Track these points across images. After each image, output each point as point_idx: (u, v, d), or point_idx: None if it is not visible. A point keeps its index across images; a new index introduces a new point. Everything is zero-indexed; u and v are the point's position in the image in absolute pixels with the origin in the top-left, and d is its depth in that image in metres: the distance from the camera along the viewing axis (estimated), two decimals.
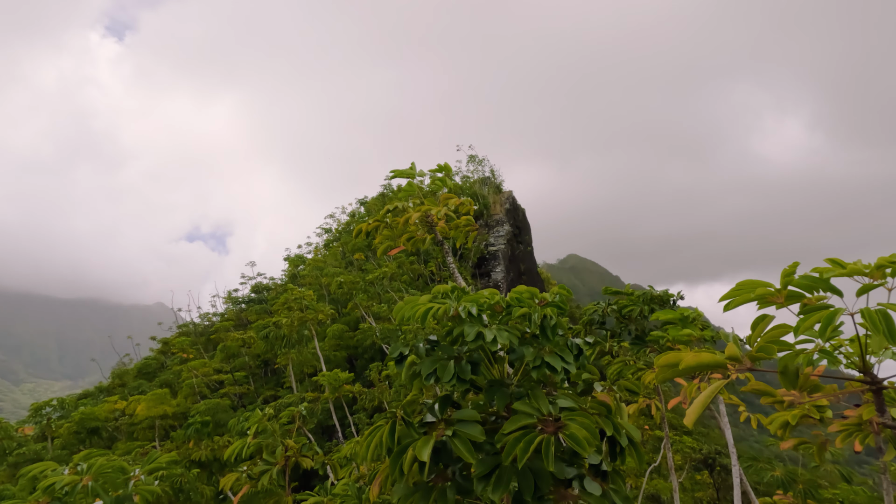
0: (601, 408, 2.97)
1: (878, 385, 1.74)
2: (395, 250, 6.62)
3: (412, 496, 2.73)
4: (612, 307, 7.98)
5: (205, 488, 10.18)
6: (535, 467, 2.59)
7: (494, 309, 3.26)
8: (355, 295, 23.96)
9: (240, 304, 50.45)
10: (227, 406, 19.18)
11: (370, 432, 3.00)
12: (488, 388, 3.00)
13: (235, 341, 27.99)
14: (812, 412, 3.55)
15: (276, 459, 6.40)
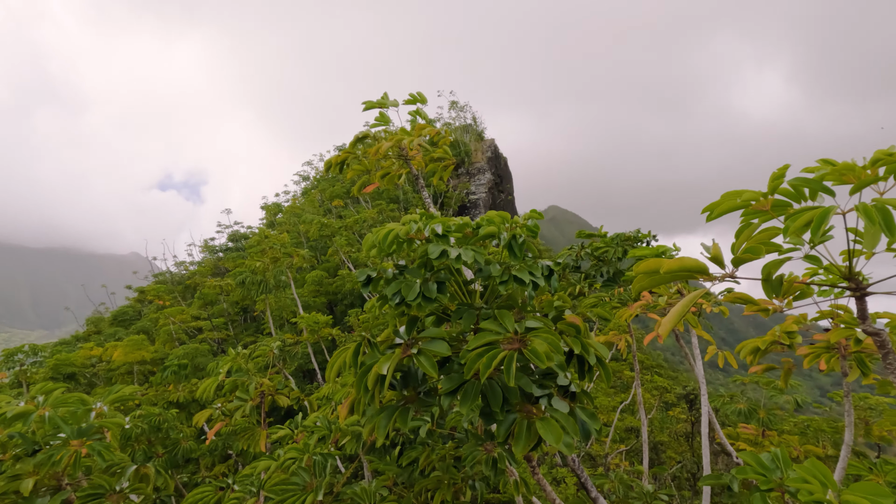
0: (570, 328, 2.89)
1: (861, 291, 1.63)
2: (369, 187, 6.34)
3: (377, 416, 2.65)
4: (585, 250, 7.93)
5: (183, 427, 10.22)
6: (502, 382, 2.52)
7: (464, 233, 3.10)
8: (334, 241, 23.65)
9: (217, 253, 49.73)
10: (206, 351, 19.15)
11: (336, 354, 2.89)
12: (457, 310, 2.88)
13: (213, 288, 27.69)
14: (783, 338, 3.55)
15: (249, 396, 6.35)
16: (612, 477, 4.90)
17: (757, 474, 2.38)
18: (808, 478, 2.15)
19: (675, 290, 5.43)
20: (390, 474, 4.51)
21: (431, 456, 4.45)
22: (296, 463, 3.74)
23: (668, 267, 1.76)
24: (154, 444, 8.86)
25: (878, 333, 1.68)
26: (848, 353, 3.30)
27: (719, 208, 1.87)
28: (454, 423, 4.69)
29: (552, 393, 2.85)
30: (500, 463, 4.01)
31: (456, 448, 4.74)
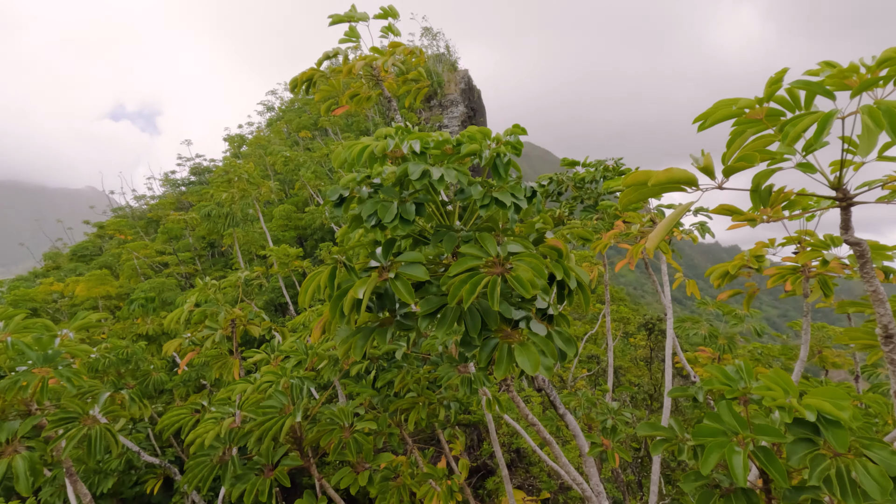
0: (552, 252, 2.86)
1: (848, 201, 1.60)
2: (339, 110, 6.00)
3: (353, 337, 2.61)
4: (567, 177, 7.88)
5: (153, 359, 10.16)
6: (481, 307, 2.50)
7: (444, 150, 2.95)
8: (302, 174, 22.88)
9: (179, 188, 47.69)
10: (173, 285, 18.78)
11: (310, 277, 2.80)
12: (435, 232, 2.80)
13: (177, 223, 26.75)
14: (752, 262, 3.64)
15: (219, 325, 6.27)
16: (578, 395, 5.14)
17: (722, 384, 2.49)
18: (771, 385, 2.25)
19: (648, 218, 5.48)
20: (366, 396, 4.60)
21: (406, 378, 4.55)
22: (272, 386, 3.75)
23: (657, 179, 1.69)
24: (124, 376, 8.81)
25: (858, 243, 1.68)
26: (812, 274, 3.42)
27: (713, 117, 1.79)
28: (429, 349, 4.76)
29: (530, 316, 2.87)
30: (475, 383, 4.12)
31: (431, 371, 4.85)
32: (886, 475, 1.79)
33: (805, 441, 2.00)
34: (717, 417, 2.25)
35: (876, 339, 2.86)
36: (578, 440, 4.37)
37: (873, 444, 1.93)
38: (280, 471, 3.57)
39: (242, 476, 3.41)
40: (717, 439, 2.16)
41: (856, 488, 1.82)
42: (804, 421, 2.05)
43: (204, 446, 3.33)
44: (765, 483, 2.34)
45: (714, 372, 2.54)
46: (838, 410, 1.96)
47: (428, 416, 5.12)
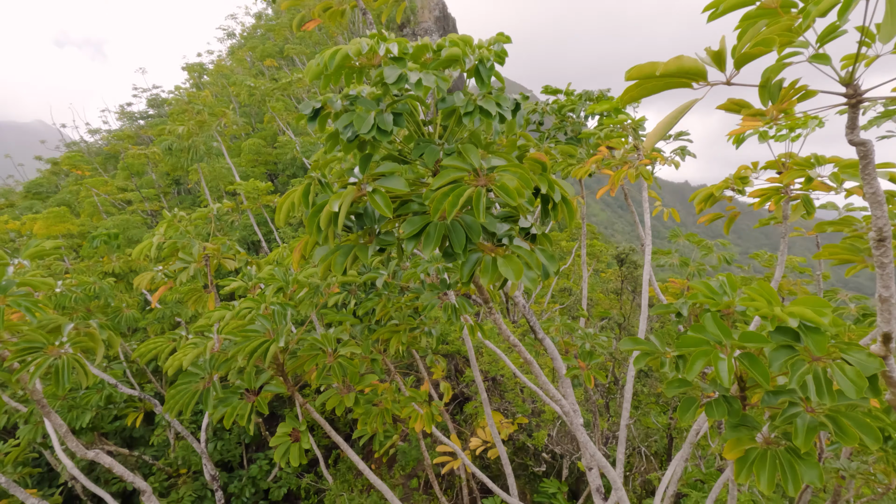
0: (536, 165, 2.75)
1: (858, 97, 1.50)
2: (310, 24, 5.52)
3: (332, 255, 2.50)
4: (549, 106, 7.63)
5: (124, 296, 9.91)
6: (465, 222, 2.40)
7: (423, 59, 2.72)
8: (270, 105, 21.71)
9: (137, 121, 44.98)
10: (138, 222, 18.10)
11: (285, 196, 2.63)
12: (415, 146, 2.64)
13: (137, 158, 25.38)
14: (736, 183, 3.61)
15: (193, 258, 6.06)
16: (556, 321, 5.24)
17: (706, 298, 2.50)
18: (755, 297, 2.26)
19: (632, 146, 5.38)
20: (347, 324, 4.57)
21: (388, 306, 4.51)
22: (253, 312, 3.66)
23: (666, 68, 1.56)
24: (93, 313, 8.58)
25: (863, 143, 1.61)
26: (794, 196, 3.43)
27: (726, 3, 1.64)
28: (410, 278, 4.70)
29: (513, 234, 2.80)
30: (459, 309, 4.12)
31: (412, 301, 4.83)
32: (862, 375, 1.84)
33: (786, 348, 2.04)
34: (701, 328, 2.27)
35: (855, 253, 2.91)
36: (556, 363, 4.48)
37: (850, 348, 1.97)
38: (262, 397, 3.56)
39: (225, 400, 3.38)
40: (701, 348, 2.19)
41: (832, 388, 1.87)
42: (785, 329, 2.08)
43: (182, 369, 3.26)
44: (741, 391, 2.42)
45: (698, 286, 2.55)
46: (819, 317, 1.98)
47: (409, 344, 5.17)
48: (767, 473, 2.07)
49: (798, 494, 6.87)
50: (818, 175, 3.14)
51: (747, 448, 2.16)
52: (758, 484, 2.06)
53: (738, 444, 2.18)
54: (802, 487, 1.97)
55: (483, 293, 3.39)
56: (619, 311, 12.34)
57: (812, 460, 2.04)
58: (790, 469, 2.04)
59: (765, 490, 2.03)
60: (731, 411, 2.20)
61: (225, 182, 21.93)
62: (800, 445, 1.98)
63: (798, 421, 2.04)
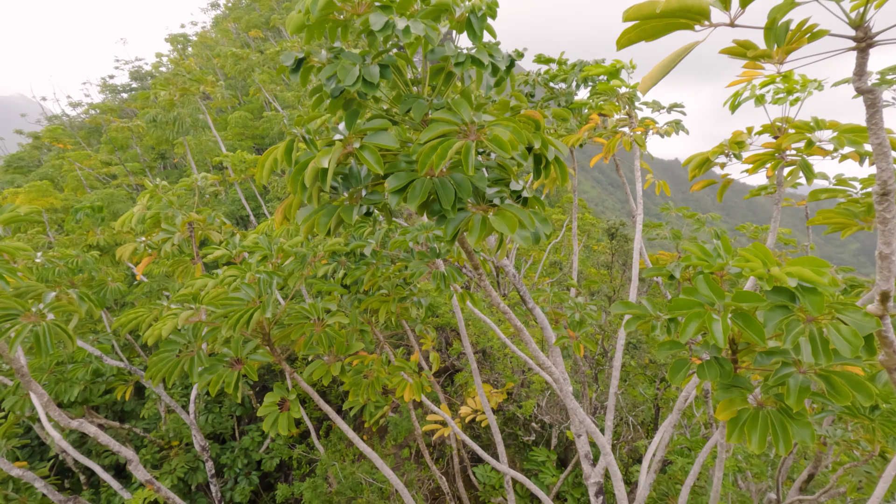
0: (529, 123, 2.65)
1: (868, 41, 1.41)
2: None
3: (316, 214, 2.41)
4: (541, 76, 7.45)
5: (109, 270, 9.75)
6: (454, 179, 2.30)
7: (409, 10, 2.58)
8: (256, 76, 21.15)
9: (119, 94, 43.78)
10: (122, 196, 17.75)
11: (267, 152, 2.51)
12: (403, 100, 2.52)
13: (121, 131, 24.77)
14: (732, 147, 3.54)
15: (176, 228, 5.92)
16: (546, 290, 5.21)
17: (700, 260, 2.45)
18: (750, 258, 2.21)
19: (625, 112, 5.27)
20: (335, 294, 4.50)
21: (376, 275, 4.44)
22: (237, 280, 3.56)
23: (667, 6, 1.46)
24: (77, 286, 8.43)
25: (871, 91, 1.54)
26: (789, 162, 3.37)
27: None
28: (399, 246, 4.61)
29: (504, 196, 2.72)
30: (448, 278, 4.06)
31: (401, 270, 4.76)
32: (858, 334, 1.81)
33: (781, 308, 2.00)
34: (694, 290, 2.23)
35: (849, 217, 2.87)
36: (546, 332, 4.46)
37: (846, 308, 1.94)
38: (249, 365, 3.50)
39: (210, 368, 3.32)
40: (694, 310, 2.14)
41: (827, 348, 1.84)
42: (781, 290, 2.04)
43: (161, 338, 3.19)
44: (733, 353, 2.39)
45: (692, 248, 2.50)
46: (818, 277, 1.94)
47: (399, 315, 5.12)
48: (759, 433, 2.05)
49: (781, 460, 7.05)
50: (818, 139, 3.08)
51: (739, 409, 2.15)
52: (749, 444, 2.05)
53: (729, 406, 2.16)
54: (792, 448, 1.95)
55: (473, 259, 3.32)
56: (609, 285, 12.40)
57: (804, 420, 2.02)
58: (781, 429, 2.03)
59: (755, 450, 2.02)
60: (723, 373, 2.17)
61: (211, 155, 21.50)
62: (792, 405, 1.96)
63: (790, 381, 2.02)
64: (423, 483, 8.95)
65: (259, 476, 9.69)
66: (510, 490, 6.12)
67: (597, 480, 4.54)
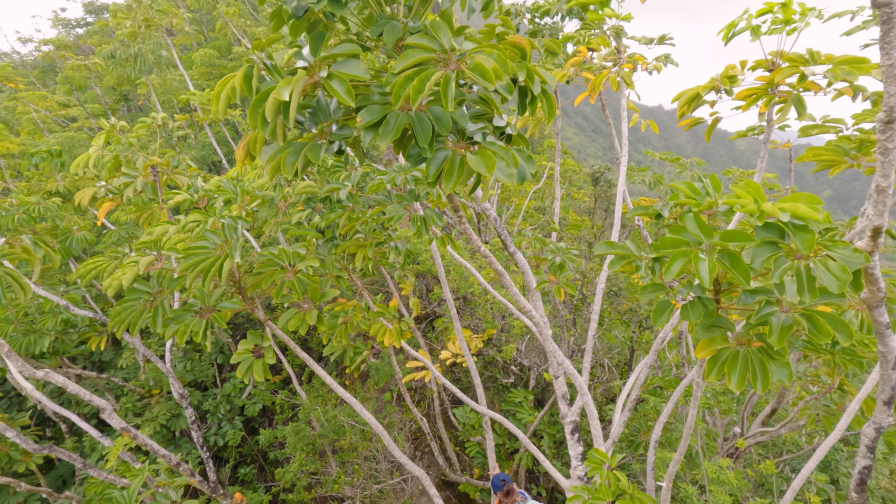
0: (514, 51, 2.44)
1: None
2: None
3: (281, 153, 2.21)
4: (524, 7, 7.04)
5: (73, 218, 9.32)
6: (433, 114, 2.12)
7: None
8: (222, 9, 19.71)
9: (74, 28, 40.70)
10: (84, 140, 16.80)
11: (223, 80, 2.26)
12: (375, 22, 2.27)
13: (78, 70, 23.13)
14: (724, 82, 3.38)
15: (138, 172, 5.58)
16: (527, 235, 5.13)
17: (689, 198, 2.36)
18: (741, 194, 2.12)
19: (614, 47, 5.01)
20: (309, 239, 4.34)
21: (353, 219, 4.28)
22: (200, 226, 3.37)
23: None
24: (41, 236, 8.05)
25: (888, 4, 1.38)
26: (781, 98, 3.23)
27: None
28: (376, 189, 4.42)
29: (487, 133, 2.55)
30: (427, 221, 3.92)
31: (379, 215, 4.59)
32: (847, 270, 1.75)
33: (770, 245, 1.93)
34: (680, 229, 2.14)
35: (840, 154, 2.78)
36: (526, 277, 4.41)
37: (836, 244, 1.88)
38: (218, 314, 3.37)
39: (176, 318, 3.18)
40: (680, 249, 2.06)
41: (814, 285, 1.79)
42: (771, 227, 1.96)
43: (123, 288, 3.02)
44: (715, 294, 2.35)
45: (680, 186, 2.39)
46: (813, 212, 1.86)
47: (377, 261, 5.00)
48: (738, 372, 2.04)
49: (747, 397, 7.38)
50: (812, 73, 2.93)
51: (720, 348, 2.12)
52: (728, 382, 2.04)
53: (710, 344, 2.14)
54: (769, 387, 1.94)
55: (453, 202, 3.18)
56: (590, 231, 12.44)
57: (783, 360, 2.01)
58: (761, 368, 2.01)
59: (735, 388, 2.01)
60: (706, 313, 2.13)
61: (177, 96, 20.30)
62: (774, 343, 1.93)
63: (773, 320, 1.99)
64: (404, 425, 9.20)
65: (242, 421, 9.83)
66: (489, 429, 6.30)
67: (573, 419, 4.66)
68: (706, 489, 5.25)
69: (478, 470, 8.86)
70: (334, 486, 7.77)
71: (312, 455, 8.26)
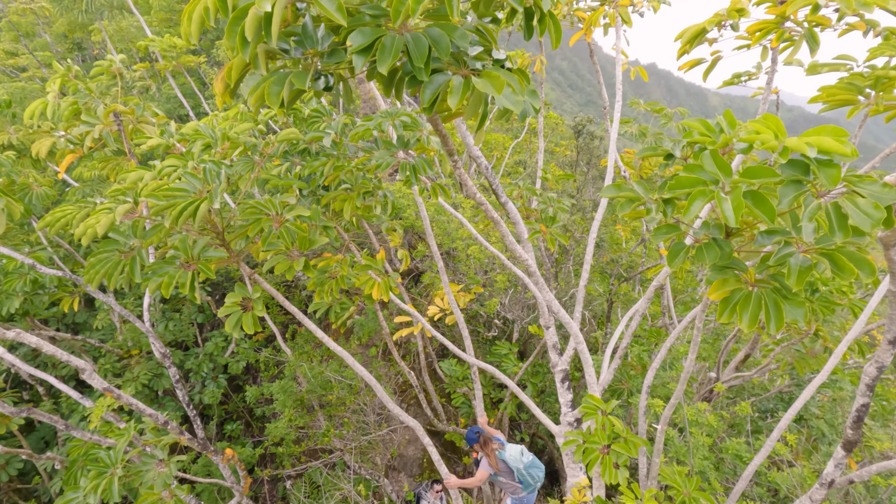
0: None
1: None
2: None
3: (265, 82, 1.99)
4: None
5: (33, 174, 8.75)
6: (431, 35, 1.91)
7: None
8: None
9: None
10: (36, 90, 15.67)
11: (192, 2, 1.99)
12: None
13: (25, 14, 21.32)
14: (731, 15, 3.20)
15: (98, 119, 5.17)
16: (518, 184, 4.99)
17: (703, 135, 2.24)
18: (760, 129, 2.00)
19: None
20: (294, 188, 4.11)
21: (337, 167, 4.05)
22: (178, 171, 3.11)
23: None
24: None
25: None
26: (788, 35, 3.09)
27: None
28: (361, 137, 4.18)
29: (487, 64, 2.35)
30: (417, 169, 3.72)
31: (365, 164, 4.36)
32: (879, 206, 1.68)
33: (795, 183, 1.84)
34: (696, 167, 2.03)
35: (853, 93, 2.69)
36: (518, 227, 4.30)
37: (863, 180, 1.79)
38: (203, 264, 3.18)
39: (158, 269, 2.99)
40: (699, 188, 1.96)
41: (845, 224, 1.72)
42: (796, 163, 1.86)
43: (98, 237, 2.79)
44: (727, 235, 2.28)
45: (693, 123, 2.27)
46: (840, 146, 1.76)
47: (362, 216, 4.81)
48: (751, 312, 1.99)
49: (724, 343, 7.61)
50: (826, 3, 2.78)
51: (732, 289, 2.07)
52: (740, 322, 2.00)
53: (723, 286, 2.08)
54: (782, 328, 1.90)
55: (447, 143, 3.00)
56: (573, 184, 12.36)
57: (799, 300, 1.96)
58: (775, 308, 1.97)
59: (746, 329, 1.97)
60: (722, 255, 2.05)
61: (135, 43, 18.91)
62: (793, 285, 1.87)
63: (791, 261, 1.92)
64: (390, 378, 9.27)
65: (227, 379, 9.75)
66: (476, 380, 6.36)
67: (563, 368, 4.70)
68: (686, 431, 5.44)
69: (463, 419, 9.06)
70: (324, 439, 7.84)
71: (301, 410, 8.29)
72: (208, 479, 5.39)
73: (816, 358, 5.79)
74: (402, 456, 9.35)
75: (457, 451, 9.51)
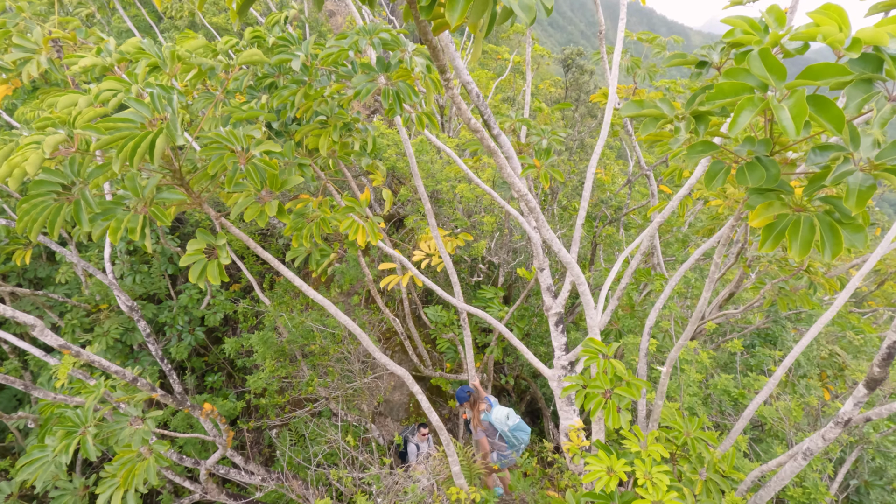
0: None
1: None
2: None
3: None
4: None
5: None
6: None
7: None
8: None
9: None
10: None
11: None
12: None
13: None
14: None
15: (36, 45, 4.50)
16: (511, 116, 4.61)
17: (748, 34, 1.90)
18: (822, 21, 1.67)
19: None
20: (261, 121, 3.65)
21: (310, 96, 3.58)
22: (119, 95, 2.64)
23: None
24: None
25: None
26: None
27: None
28: (336, 59, 3.68)
29: None
30: (402, 96, 3.30)
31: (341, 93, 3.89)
32: None
33: (864, 83, 1.54)
34: (740, 71, 1.70)
35: None
36: (512, 161, 3.96)
37: None
38: (157, 207, 2.77)
39: (105, 212, 2.58)
40: (745, 97, 1.64)
41: None
42: (867, 59, 1.55)
43: (29, 177, 2.37)
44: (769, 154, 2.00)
45: (736, 21, 1.92)
46: None
47: (339, 156, 4.39)
48: (802, 239, 1.74)
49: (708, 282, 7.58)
50: None
51: (778, 213, 1.81)
52: (790, 250, 1.75)
53: (767, 210, 1.81)
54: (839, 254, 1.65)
55: (439, 59, 2.59)
56: (563, 122, 11.90)
57: (856, 224, 1.71)
58: (831, 233, 1.72)
59: (797, 258, 1.73)
60: (768, 176, 1.77)
61: None
62: (852, 207, 1.61)
63: (850, 180, 1.66)
64: (374, 326, 9.10)
65: (204, 331, 9.45)
66: (466, 326, 6.20)
67: (557, 311, 4.53)
68: (678, 368, 5.43)
69: (449, 364, 9.03)
70: (308, 388, 7.71)
71: (283, 360, 8.10)
72: (189, 434, 5.19)
73: (799, 295, 5.76)
74: (388, 401, 9.36)
75: (442, 395, 9.56)
